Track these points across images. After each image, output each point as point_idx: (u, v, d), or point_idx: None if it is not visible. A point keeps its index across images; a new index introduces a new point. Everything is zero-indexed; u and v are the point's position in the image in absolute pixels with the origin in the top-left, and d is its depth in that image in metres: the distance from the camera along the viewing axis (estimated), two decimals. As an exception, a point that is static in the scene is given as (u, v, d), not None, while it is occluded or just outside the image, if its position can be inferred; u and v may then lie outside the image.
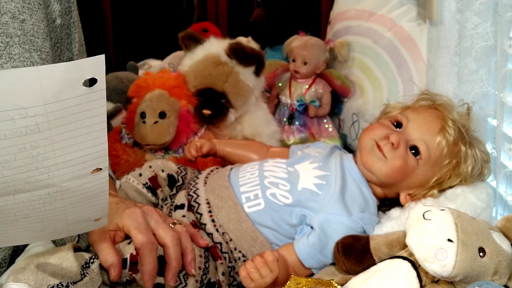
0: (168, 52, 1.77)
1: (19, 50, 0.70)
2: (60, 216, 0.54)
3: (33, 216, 0.52)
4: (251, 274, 0.73)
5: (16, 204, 0.50)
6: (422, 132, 0.87)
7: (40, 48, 0.73)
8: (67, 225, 0.56)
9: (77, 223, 0.57)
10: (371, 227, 0.85)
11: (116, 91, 1.46)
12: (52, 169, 0.48)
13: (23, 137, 0.45)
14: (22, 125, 0.44)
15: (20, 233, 0.55)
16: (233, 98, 1.20)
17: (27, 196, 0.50)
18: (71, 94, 0.44)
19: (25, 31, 0.71)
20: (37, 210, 0.52)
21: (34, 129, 0.45)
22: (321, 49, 1.42)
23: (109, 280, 0.67)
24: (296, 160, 0.94)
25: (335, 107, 1.45)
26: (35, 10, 0.73)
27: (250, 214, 0.86)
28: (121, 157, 1.16)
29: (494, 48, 0.92)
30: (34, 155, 0.46)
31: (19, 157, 0.46)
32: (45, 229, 0.55)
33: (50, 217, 0.53)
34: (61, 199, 0.52)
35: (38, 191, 0.50)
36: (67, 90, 0.44)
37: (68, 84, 0.44)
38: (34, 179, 0.48)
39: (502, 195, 0.90)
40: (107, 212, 0.58)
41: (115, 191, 0.82)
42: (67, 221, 0.55)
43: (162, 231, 0.68)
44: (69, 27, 0.83)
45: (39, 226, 0.54)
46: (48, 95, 0.43)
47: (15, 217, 0.52)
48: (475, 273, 0.64)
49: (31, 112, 0.44)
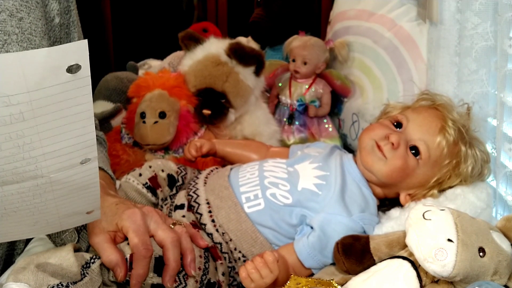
0: (168, 52, 1.77)
1: (17, 48, 0.70)
2: (51, 209, 0.53)
3: (24, 209, 0.52)
4: (251, 275, 0.73)
5: (5, 196, 0.49)
6: (422, 132, 0.87)
7: (38, 46, 0.73)
8: (59, 218, 0.55)
9: (69, 216, 0.56)
10: (371, 227, 0.85)
11: (116, 91, 1.46)
12: (39, 159, 0.47)
13: (8, 126, 0.44)
14: (6, 114, 0.43)
15: (12, 227, 0.55)
16: (233, 98, 1.20)
17: (15, 188, 0.49)
18: (55, 81, 0.44)
19: (22, 29, 0.71)
20: (27, 203, 0.51)
21: (19, 117, 0.44)
22: (321, 49, 1.42)
23: (109, 280, 0.67)
24: (296, 160, 0.94)
25: (335, 107, 1.45)
26: (33, 8, 0.73)
27: (250, 214, 0.86)
28: (121, 157, 1.17)
29: (494, 48, 0.92)
30: (20, 144, 0.46)
31: (4, 147, 0.45)
32: (37, 223, 0.55)
33: (41, 210, 0.53)
34: (51, 191, 0.51)
35: (26, 182, 0.49)
36: (51, 77, 0.43)
37: (51, 71, 0.43)
38: (21, 170, 0.48)
39: (502, 195, 0.90)
40: (99, 204, 0.57)
41: (115, 191, 0.82)
42: (59, 214, 0.55)
43: (162, 232, 0.68)
44: (68, 26, 0.83)
45: (30, 220, 0.54)
46: (32, 82, 0.43)
47: (5, 211, 0.51)
48: (475, 273, 0.64)
49: (14, 100, 0.43)
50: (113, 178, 0.86)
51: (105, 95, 1.46)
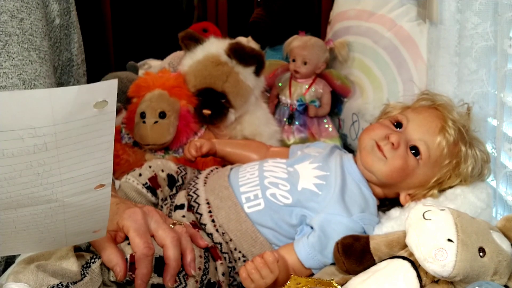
0: (168, 52, 1.77)
1: (18, 49, 0.70)
2: (60, 229, 0.54)
3: (33, 228, 0.53)
4: (252, 275, 0.73)
5: (17, 217, 0.50)
6: (422, 132, 0.87)
7: (38, 47, 0.73)
8: (65, 236, 0.56)
9: (76, 235, 0.57)
10: (371, 227, 0.85)
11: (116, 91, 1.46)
12: (56, 185, 0.48)
13: (31, 155, 0.45)
14: (31, 144, 0.44)
15: (18, 243, 0.55)
16: (233, 98, 1.20)
17: (29, 210, 0.50)
18: (81, 115, 0.44)
19: (23, 30, 0.71)
20: (37, 223, 0.52)
21: (42, 148, 0.45)
22: (321, 49, 1.42)
23: (109, 280, 0.67)
24: (296, 160, 0.94)
25: (335, 107, 1.45)
26: (34, 9, 0.73)
27: (250, 214, 0.86)
28: (121, 157, 1.16)
29: (494, 48, 0.92)
30: (39, 172, 0.46)
31: (24, 174, 0.46)
32: (44, 240, 0.55)
33: (50, 229, 0.54)
34: (62, 213, 0.52)
35: (40, 205, 0.50)
36: (78, 112, 0.44)
37: (79, 107, 0.44)
38: (37, 195, 0.48)
39: (502, 195, 0.90)
40: (106, 224, 0.58)
41: (114, 191, 0.82)
42: (66, 233, 0.56)
43: (162, 232, 0.68)
44: (68, 27, 0.83)
45: (38, 237, 0.54)
46: (59, 116, 0.43)
47: (15, 229, 0.52)
48: (475, 273, 0.64)
49: (40, 132, 0.44)
50: (113, 179, 0.86)
51: (105, 95, 1.45)
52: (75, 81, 0.86)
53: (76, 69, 0.86)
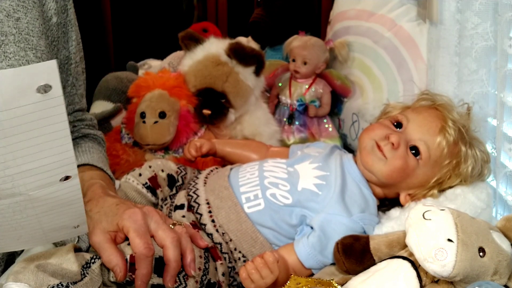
0: (168, 52, 1.77)
1: (14, 49, 0.69)
2: (34, 224, 0.53)
3: (5, 225, 0.52)
4: (252, 275, 0.73)
5: None
6: (422, 132, 0.87)
7: (35, 46, 0.73)
8: (44, 232, 0.55)
9: (55, 230, 0.56)
10: (371, 227, 0.85)
11: (116, 91, 1.46)
12: (16, 177, 0.47)
13: None
14: None
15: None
16: (233, 98, 1.20)
17: None
18: (24, 101, 0.43)
19: (20, 30, 0.71)
20: (7, 219, 0.51)
21: None
22: (321, 49, 1.42)
23: (109, 280, 0.67)
24: (296, 160, 0.94)
25: (335, 107, 1.45)
26: (30, 8, 0.73)
27: (250, 214, 0.86)
28: (121, 157, 1.17)
29: (494, 48, 0.92)
30: None
31: None
32: (21, 237, 0.55)
33: (24, 225, 0.53)
34: (31, 208, 0.51)
35: (4, 199, 0.49)
36: (20, 98, 0.43)
37: (20, 91, 0.43)
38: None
39: (502, 195, 0.90)
40: (85, 219, 0.57)
41: (114, 191, 0.82)
42: (43, 229, 0.55)
43: (162, 232, 0.68)
44: (66, 25, 0.82)
45: (13, 234, 0.54)
46: (0, 102, 0.42)
47: None
48: (475, 273, 0.64)
49: None
50: (112, 178, 0.85)
51: (105, 95, 1.46)
52: (73, 79, 0.86)
53: (74, 67, 0.85)
